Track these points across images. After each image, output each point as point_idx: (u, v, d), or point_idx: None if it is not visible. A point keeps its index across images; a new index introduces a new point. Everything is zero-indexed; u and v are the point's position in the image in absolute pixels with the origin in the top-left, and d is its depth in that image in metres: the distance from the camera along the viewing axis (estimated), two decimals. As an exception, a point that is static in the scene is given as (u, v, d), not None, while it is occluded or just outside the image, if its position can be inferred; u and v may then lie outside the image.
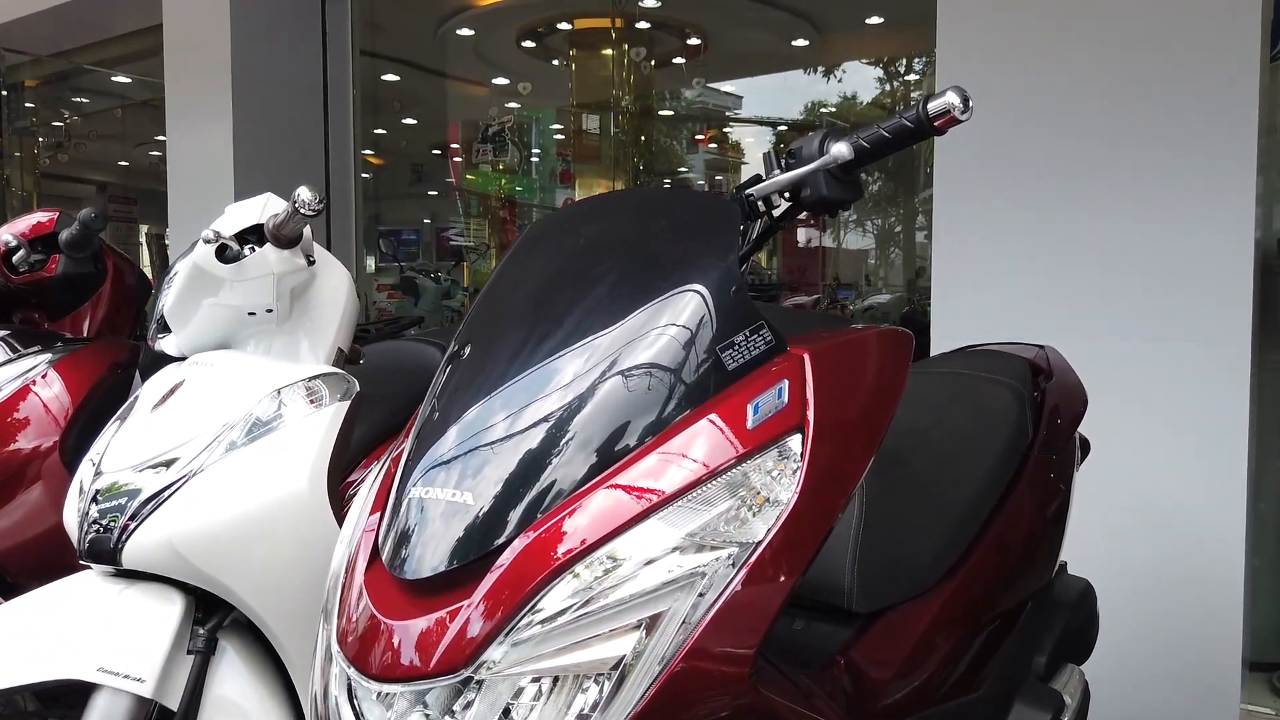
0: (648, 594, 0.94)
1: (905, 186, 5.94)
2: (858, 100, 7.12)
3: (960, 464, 1.81)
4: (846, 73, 6.68)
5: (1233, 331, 2.51)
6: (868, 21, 5.90)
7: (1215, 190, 2.52)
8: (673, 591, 0.94)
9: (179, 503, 1.43)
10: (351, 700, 1.02)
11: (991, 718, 1.74)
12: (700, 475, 0.98)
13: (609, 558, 0.95)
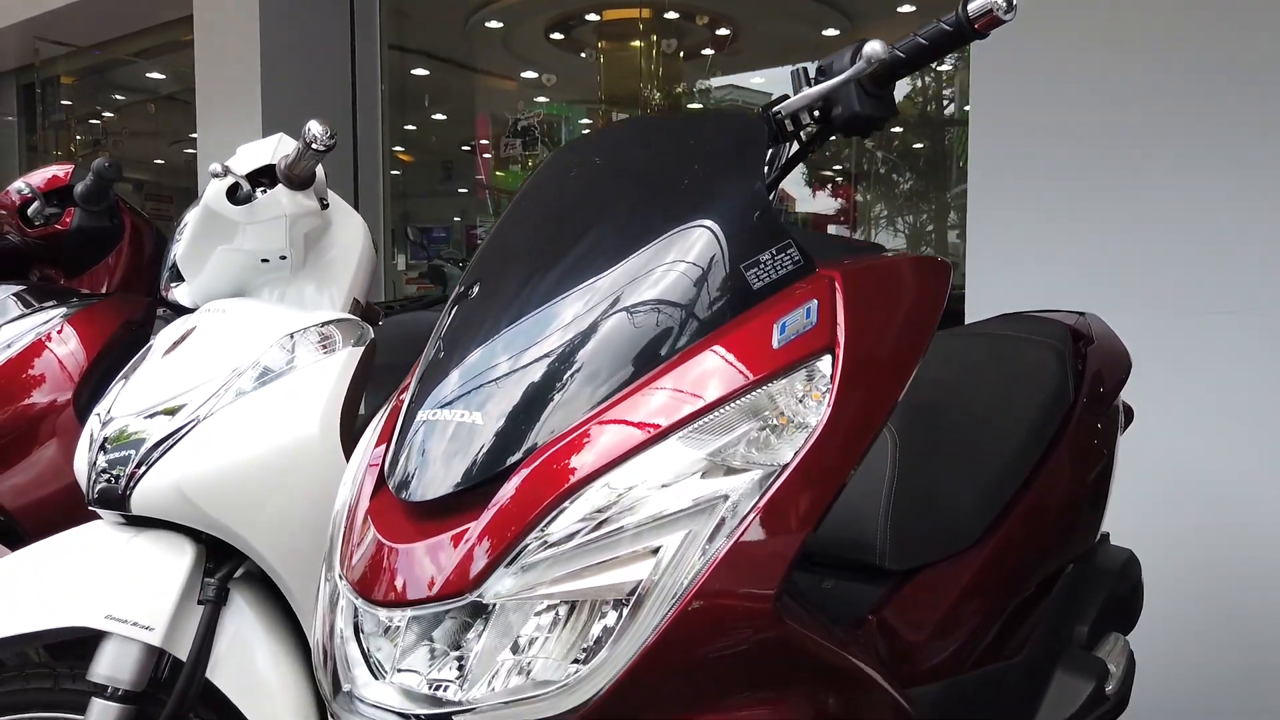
0: (665, 517, 0.88)
1: (937, 183, 5.84)
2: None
3: (999, 423, 1.74)
4: None
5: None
6: (900, 10, 5.82)
7: (1267, 161, 2.42)
8: (692, 515, 0.88)
9: (188, 447, 1.39)
10: (358, 636, 0.97)
11: (1032, 684, 1.66)
12: (722, 396, 0.93)
13: (624, 479, 0.89)
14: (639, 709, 0.87)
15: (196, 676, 1.39)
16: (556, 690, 0.85)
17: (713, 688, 0.90)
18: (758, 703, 0.91)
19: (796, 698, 0.93)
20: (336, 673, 0.97)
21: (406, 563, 0.93)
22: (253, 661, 1.44)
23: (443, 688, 0.89)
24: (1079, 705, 1.65)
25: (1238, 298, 2.49)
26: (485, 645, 0.89)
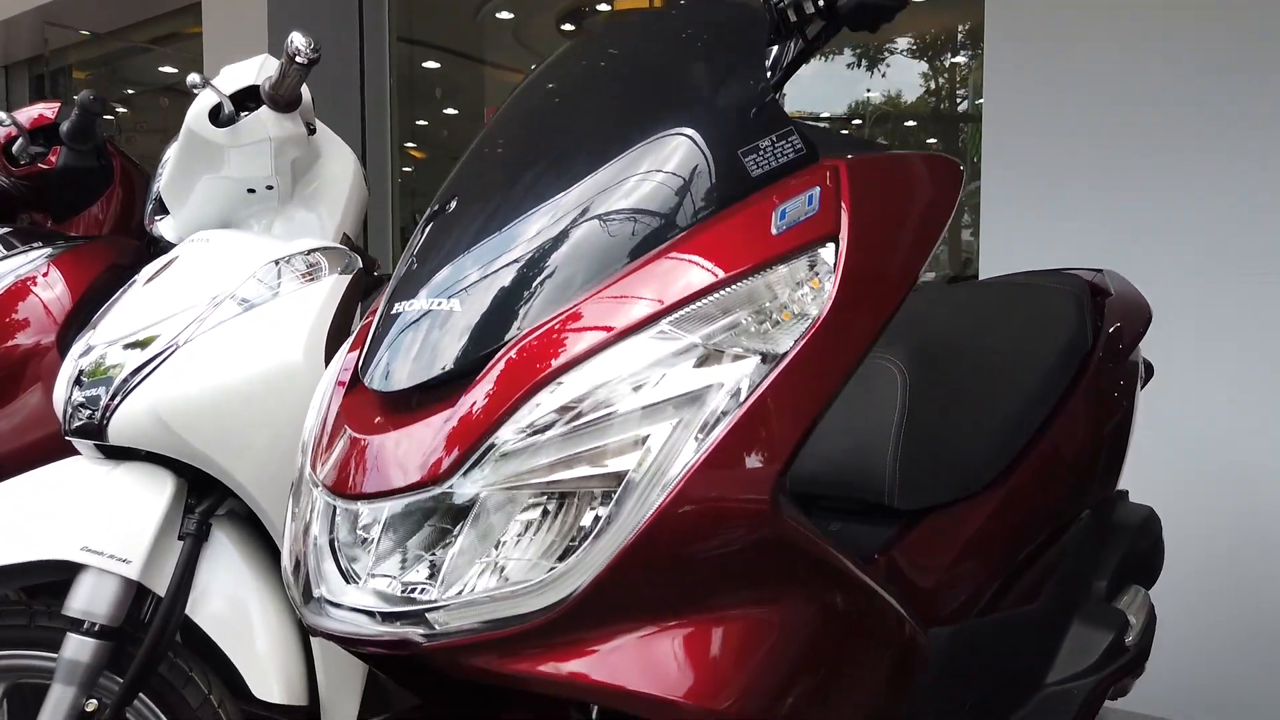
0: (653, 406, 0.82)
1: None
2: (903, 81, 6.98)
3: (1013, 367, 1.67)
4: (891, 67, 6.57)
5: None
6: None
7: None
8: (683, 404, 0.82)
9: (167, 373, 1.34)
10: (333, 548, 0.92)
11: (1049, 633, 1.60)
12: (717, 281, 0.87)
13: (610, 366, 0.83)
14: (623, 607, 0.82)
15: (175, 613, 1.34)
16: (534, 587, 0.80)
17: (700, 587, 0.84)
18: (753, 602, 0.85)
19: (795, 599, 0.87)
20: (308, 581, 0.91)
21: (378, 454, 0.88)
22: (235, 600, 1.39)
23: (416, 590, 0.84)
24: (1098, 655, 1.59)
25: (1264, 263, 2.42)
26: (462, 547, 0.83)
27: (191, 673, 1.40)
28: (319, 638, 0.96)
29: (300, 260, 1.42)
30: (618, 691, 0.80)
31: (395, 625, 0.82)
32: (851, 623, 0.93)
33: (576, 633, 0.80)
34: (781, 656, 0.86)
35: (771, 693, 0.85)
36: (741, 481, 0.83)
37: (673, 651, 0.82)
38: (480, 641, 0.80)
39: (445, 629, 0.80)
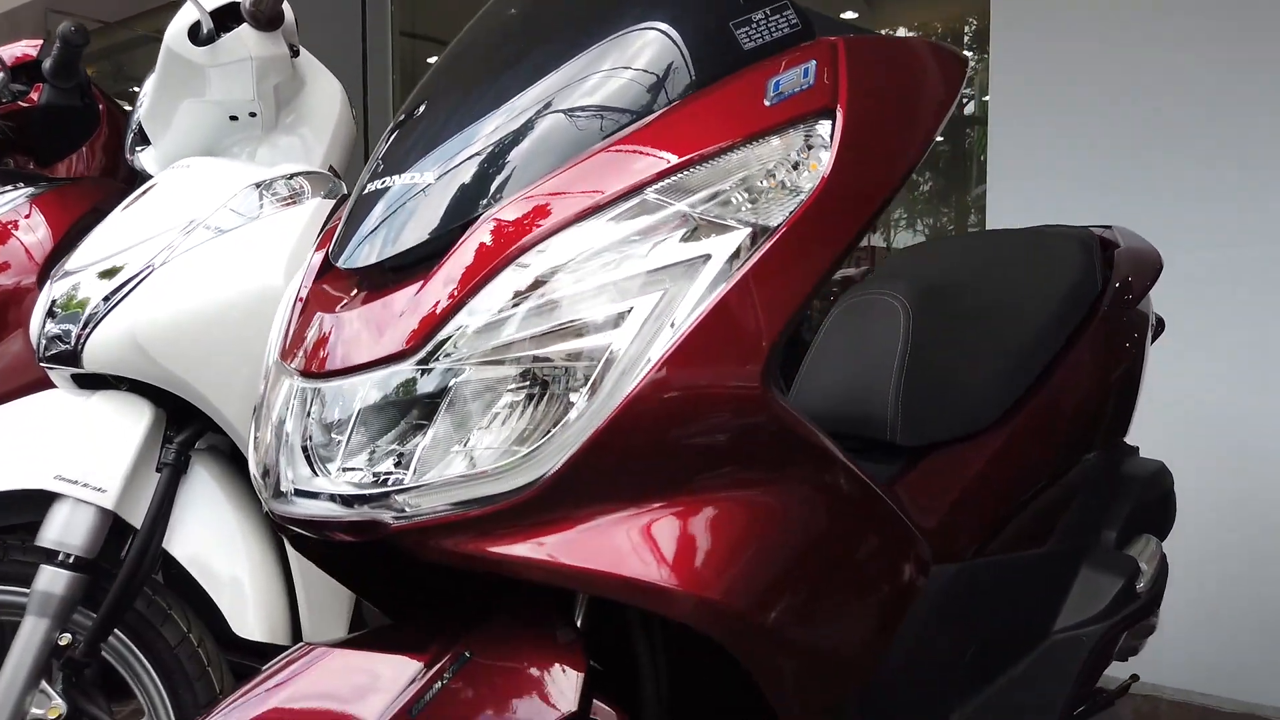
0: (636, 277, 0.77)
1: (957, 184, 5.73)
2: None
3: (1020, 308, 1.62)
4: None
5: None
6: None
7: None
8: (668, 276, 0.78)
9: (143, 296, 1.30)
10: (306, 448, 0.87)
11: (1057, 577, 1.55)
12: (706, 151, 0.82)
13: (589, 236, 0.79)
14: (603, 489, 0.77)
15: (152, 545, 1.30)
16: (505, 469, 0.75)
17: (687, 470, 0.79)
18: (745, 487, 0.80)
19: (790, 487, 0.82)
20: (278, 475, 0.87)
21: (346, 329, 0.83)
22: (215, 535, 1.35)
23: (387, 479, 0.79)
24: (1108, 601, 1.53)
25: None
26: (434, 438, 0.78)
27: (170, 611, 1.36)
28: (288, 532, 0.91)
29: (282, 185, 1.37)
30: (597, 576, 0.75)
31: (363, 508, 0.78)
32: (851, 519, 0.88)
33: (553, 515, 0.75)
34: (776, 547, 0.81)
35: (764, 586, 0.80)
36: (729, 358, 0.79)
37: (658, 535, 0.76)
38: (450, 522, 0.75)
39: (415, 511, 0.76)
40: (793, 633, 0.82)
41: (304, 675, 0.90)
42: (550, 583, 0.77)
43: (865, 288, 1.58)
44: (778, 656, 0.82)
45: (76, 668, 1.27)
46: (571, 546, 0.75)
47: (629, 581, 0.76)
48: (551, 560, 0.75)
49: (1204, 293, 2.42)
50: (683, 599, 0.77)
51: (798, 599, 0.83)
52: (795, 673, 0.84)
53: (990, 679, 1.44)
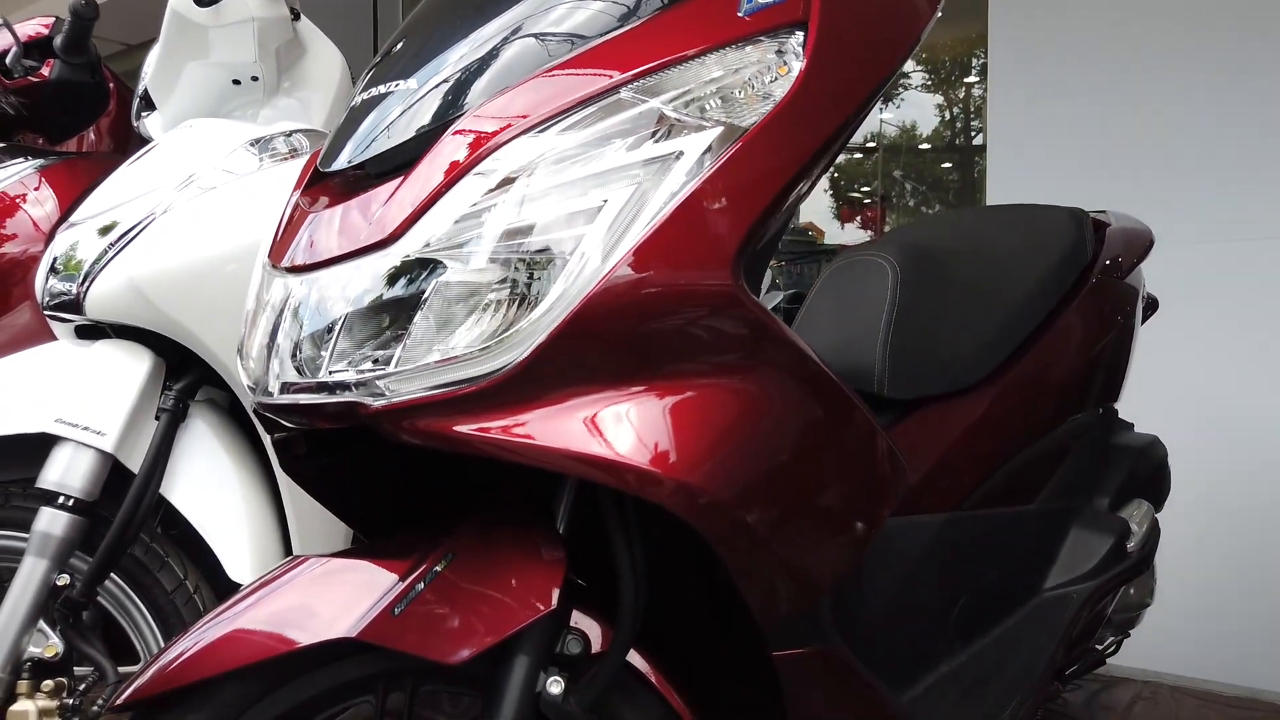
0: (610, 171, 0.80)
1: (964, 191, 5.78)
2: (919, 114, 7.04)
3: (1009, 272, 1.65)
4: (905, 101, 6.64)
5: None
6: None
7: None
8: (641, 170, 0.80)
9: (144, 244, 1.33)
10: (295, 353, 0.88)
11: (1047, 534, 1.56)
12: (681, 55, 0.85)
13: (566, 132, 0.81)
14: (580, 372, 0.78)
15: (149, 489, 1.32)
16: (479, 354, 0.77)
17: (663, 356, 0.80)
18: (723, 373, 0.82)
19: (766, 379, 0.84)
20: (266, 373, 0.89)
21: (330, 223, 0.86)
22: (212, 482, 1.37)
23: (369, 372, 0.81)
24: (1099, 559, 1.54)
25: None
26: (415, 338, 0.80)
27: (167, 558, 1.38)
28: (274, 427, 0.93)
29: (280, 141, 1.41)
30: (576, 457, 0.76)
31: (346, 394, 0.80)
32: (828, 420, 0.89)
33: (530, 396, 0.77)
34: (755, 436, 0.82)
35: (743, 474, 0.81)
36: (700, 252, 0.81)
37: (637, 418, 0.78)
38: (428, 402, 0.77)
39: (394, 394, 0.78)
40: (769, 524, 0.84)
41: (292, 582, 0.92)
42: (529, 463, 0.78)
43: (856, 251, 1.61)
44: (753, 548, 0.84)
45: (74, 608, 1.29)
46: (550, 427, 0.77)
47: (608, 463, 0.77)
48: (530, 440, 0.77)
49: (1201, 279, 2.43)
50: (662, 482, 0.78)
51: (775, 490, 0.85)
52: (769, 566, 0.85)
53: (980, 633, 1.45)
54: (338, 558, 0.94)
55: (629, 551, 0.90)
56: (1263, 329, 2.37)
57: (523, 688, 0.87)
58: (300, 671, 0.91)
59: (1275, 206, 2.37)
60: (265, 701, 0.91)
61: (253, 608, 0.91)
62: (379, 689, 0.94)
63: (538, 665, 0.88)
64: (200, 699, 0.89)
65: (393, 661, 0.93)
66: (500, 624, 0.86)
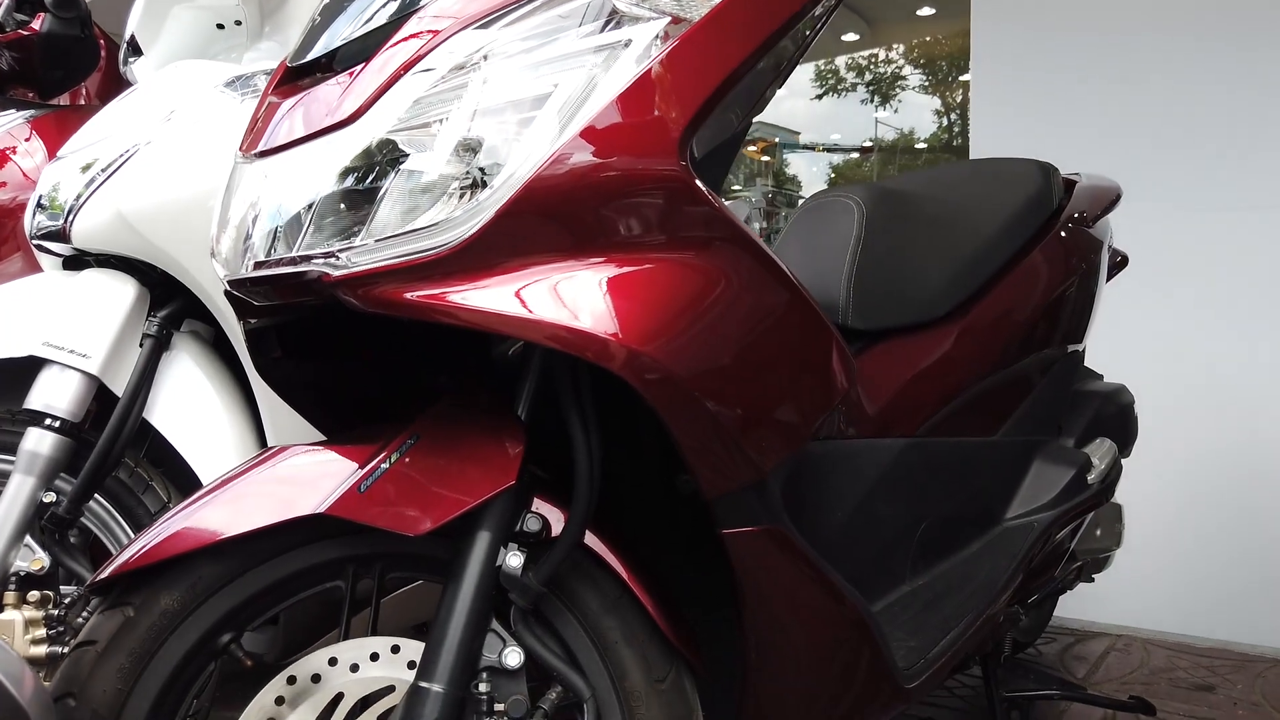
0: (561, 59, 0.84)
1: None
2: (905, 84, 7.08)
3: (975, 214, 1.69)
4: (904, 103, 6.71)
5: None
6: (919, 13, 5.83)
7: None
8: (589, 58, 0.84)
9: (128, 173, 1.36)
10: (274, 241, 0.92)
11: (1008, 465, 1.60)
12: None
13: (517, 21, 0.85)
14: (536, 242, 0.82)
15: (134, 410, 1.36)
16: (436, 228, 0.81)
17: (619, 230, 0.83)
18: (677, 249, 0.85)
19: (722, 256, 0.87)
20: (238, 255, 0.92)
21: (295, 111, 0.90)
22: (196, 410, 1.40)
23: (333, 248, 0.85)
24: (1059, 490, 1.58)
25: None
26: (379, 222, 0.84)
27: (151, 481, 1.42)
28: (243, 307, 0.96)
29: (261, 79, 1.45)
30: (531, 323, 0.80)
31: (309, 265, 0.84)
32: (777, 308, 0.92)
33: (484, 265, 0.81)
34: (707, 310, 0.85)
35: (694, 345, 0.84)
36: (646, 134, 0.84)
37: (593, 287, 0.81)
38: (385, 270, 0.80)
39: (353, 265, 0.81)
40: (718, 399, 0.88)
41: (264, 468, 0.96)
42: (482, 329, 0.81)
43: (825, 193, 1.65)
44: (700, 421, 0.87)
45: (60, 525, 1.33)
46: (503, 294, 0.81)
47: (561, 329, 0.81)
48: (482, 307, 0.80)
49: (1177, 249, 2.47)
50: (614, 350, 0.82)
51: (725, 366, 0.88)
52: (716, 441, 0.89)
53: (941, 558, 1.49)
54: (307, 446, 0.98)
55: (584, 433, 0.93)
56: (1241, 295, 2.41)
57: (484, 561, 0.91)
58: (271, 554, 0.95)
59: (1255, 181, 2.41)
60: (237, 582, 0.95)
61: (226, 491, 0.95)
62: (348, 573, 0.98)
63: (498, 540, 0.92)
64: (175, 577, 0.93)
65: (361, 547, 0.97)
66: (462, 497, 0.90)
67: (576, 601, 0.97)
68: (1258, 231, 2.39)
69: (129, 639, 0.91)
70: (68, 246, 1.40)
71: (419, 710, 0.86)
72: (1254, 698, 1.97)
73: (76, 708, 0.88)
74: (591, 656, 0.97)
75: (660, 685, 0.96)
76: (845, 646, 1.08)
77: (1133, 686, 1.98)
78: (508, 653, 0.91)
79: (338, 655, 0.92)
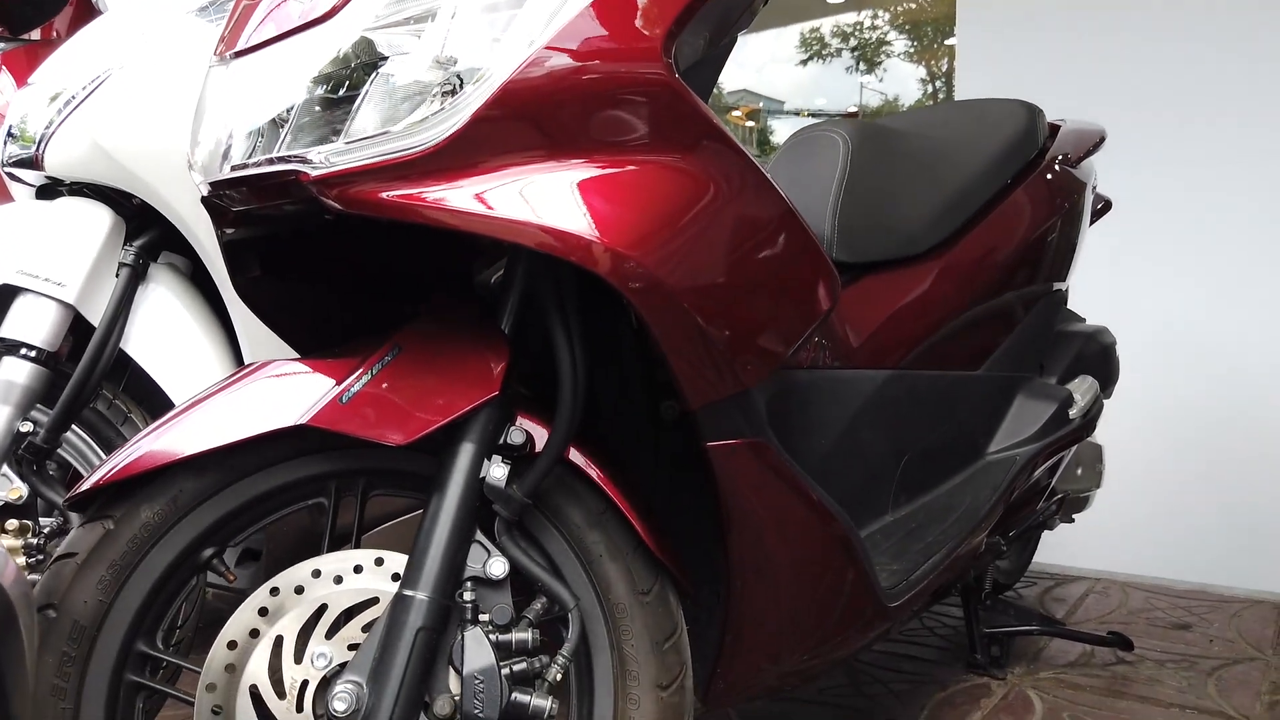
0: None
1: None
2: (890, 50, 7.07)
3: (960, 151, 1.68)
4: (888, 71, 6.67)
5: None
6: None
7: None
8: None
9: (100, 98, 1.34)
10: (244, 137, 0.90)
11: (991, 400, 1.60)
12: None
13: None
14: (518, 141, 0.80)
15: (110, 340, 1.34)
16: (416, 126, 0.79)
17: (603, 131, 0.82)
18: (663, 152, 0.84)
19: (708, 161, 0.86)
20: (215, 159, 0.90)
21: (273, 12, 0.88)
22: (174, 340, 1.39)
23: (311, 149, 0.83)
24: (1041, 424, 1.59)
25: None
26: (359, 124, 0.82)
27: (130, 413, 1.41)
28: (220, 216, 0.94)
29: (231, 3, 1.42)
30: (514, 224, 0.79)
31: (288, 165, 0.82)
32: (762, 218, 0.92)
33: (463, 165, 0.79)
34: (691, 215, 0.84)
35: (679, 250, 0.84)
36: (628, 35, 0.83)
37: (576, 189, 0.80)
38: (362, 170, 0.79)
39: (331, 164, 0.80)
40: (701, 305, 0.87)
41: (246, 382, 0.95)
42: (459, 229, 0.80)
43: (811, 128, 1.64)
44: (684, 327, 0.87)
45: (38, 455, 1.31)
46: (483, 194, 0.80)
47: (547, 230, 0.80)
48: (459, 207, 0.79)
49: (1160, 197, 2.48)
50: (598, 252, 0.81)
51: (710, 272, 0.88)
52: (699, 348, 0.88)
53: (924, 490, 1.50)
54: (287, 361, 0.97)
55: (569, 345, 0.93)
56: (1224, 244, 2.41)
57: (468, 472, 0.90)
58: (253, 469, 0.94)
59: (1239, 133, 2.40)
60: (218, 497, 0.94)
61: (205, 405, 0.94)
62: (330, 489, 0.97)
63: (482, 452, 0.91)
64: (155, 491, 0.92)
65: (343, 463, 0.97)
66: (446, 407, 0.89)
67: (561, 517, 0.97)
68: (1241, 181, 2.39)
69: (109, 551, 0.90)
70: (40, 175, 1.38)
71: (404, 617, 0.86)
72: (1229, 635, 2.00)
73: (57, 619, 0.88)
74: (576, 570, 0.97)
75: (645, 598, 0.96)
76: (830, 564, 1.08)
77: (1111, 626, 2.00)
78: (492, 563, 0.91)
79: (321, 567, 0.91)
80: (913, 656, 1.88)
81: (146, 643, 0.91)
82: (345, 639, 0.89)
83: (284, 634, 0.88)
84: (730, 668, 1.06)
